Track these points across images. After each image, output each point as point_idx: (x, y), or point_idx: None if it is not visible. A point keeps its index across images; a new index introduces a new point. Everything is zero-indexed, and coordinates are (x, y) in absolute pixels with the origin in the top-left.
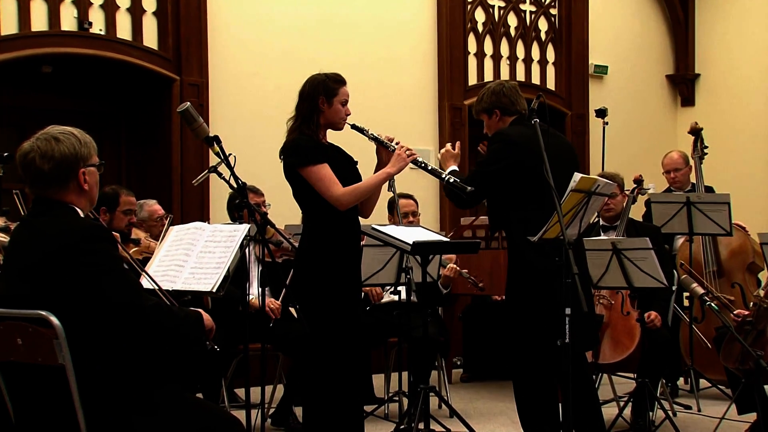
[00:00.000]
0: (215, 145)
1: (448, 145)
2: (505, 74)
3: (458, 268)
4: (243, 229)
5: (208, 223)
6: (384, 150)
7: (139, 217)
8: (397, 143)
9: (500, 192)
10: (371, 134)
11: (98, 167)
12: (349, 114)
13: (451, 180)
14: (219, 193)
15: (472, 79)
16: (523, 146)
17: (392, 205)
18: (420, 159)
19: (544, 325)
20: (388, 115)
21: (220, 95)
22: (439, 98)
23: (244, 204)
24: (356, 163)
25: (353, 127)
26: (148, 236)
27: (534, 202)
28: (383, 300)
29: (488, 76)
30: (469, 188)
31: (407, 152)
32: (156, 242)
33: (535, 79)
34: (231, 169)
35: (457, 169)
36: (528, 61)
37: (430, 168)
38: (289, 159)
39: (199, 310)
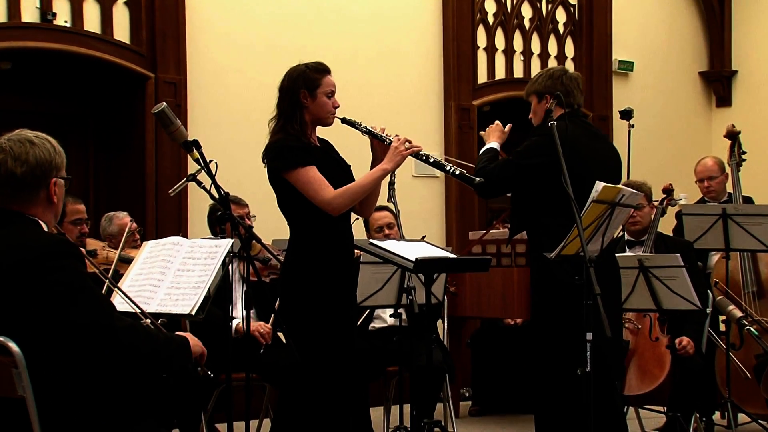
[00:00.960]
0: (194, 150)
1: (498, 123)
2: (518, 71)
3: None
4: (225, 244)
5: (187, 237)
6: (380, 144)
7: (108, 232)
8: (395, 136)
9: (530, 192)
10: (364, 127)
11: (66, 181)
12: (338, 106)
13: (457, 172)
14: (198, 204)
15: (482, 77)
16: (567, 145)
17: (367, 221)
18: (422, 151)
19: (575, 351)
20: (387, 117)
21: (200, 94)
22: (444, 98)
23: (227, 216)
24: (349, 166)
25: (344, 121)
26: (106, 246)
27: (567, 211)
28: (379, 325)
29: (499, 72)
30: (477, 180)
31: (406, 145)
32: (115, 251)
33: None
34: (212, 177)
35: (496, 146)
36: (544, 56)
37: (432, 160)
38: (272, 163)
39: (186, 334)
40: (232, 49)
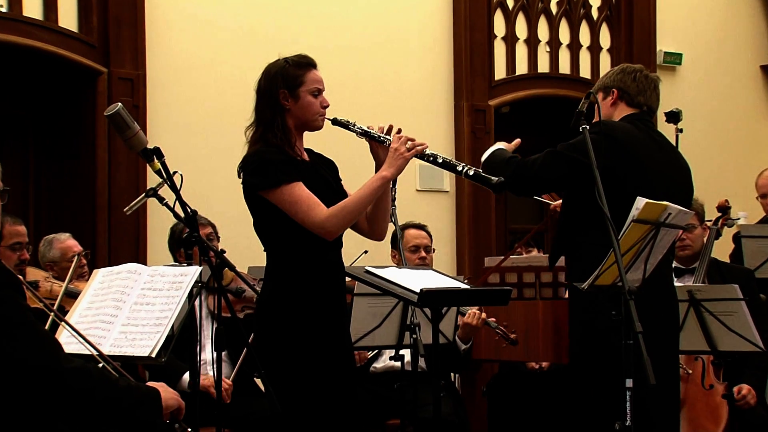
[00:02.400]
0: (155, 159)
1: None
2: (543, 64)
3: (483, 315)
4: (192, 273)
5: (145, 264)
6: (380, 147)
7: (48, 258)
8: (395, 134)
9: (575, 205)
10: (359, 128)
11: (2, 194)
12: (327, 105)
13: (471, 172)
14: (160, 224)
15: (500, 72)
16: (625, 149)
17: (395, 238)
18: (427, 151)
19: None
20: (386, 121)
21: (163, 93)
22: (455, 97)
23: (194, 239)
24: (342, 188)
25: (335, 122)
26: (50, 277)
27: (605, 231)
28: (379, 365)
29: (521, 67)
30: (495, 179)
31: (408, 144)
32: (60, 283)
33: (584, 71)
34: (177, 192)
35: (503, 147)
36: (575, 46)
37: (441, 161)
38: (250, 179)
39: (159, 385)
40: (201, 39)
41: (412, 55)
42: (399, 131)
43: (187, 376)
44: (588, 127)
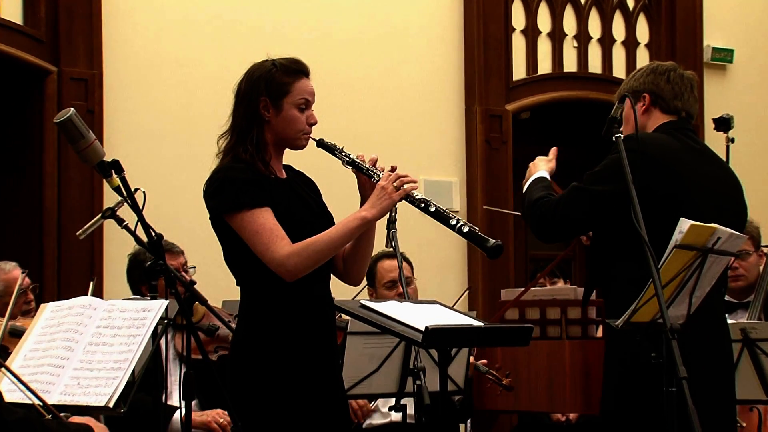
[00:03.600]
0: (113, 174)
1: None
2: (570, 62)
3: (471, 360)
4: (157, 308)
5: (101, 298)
6: (367, 180)
7: None
8: (382, 169)
9: (611, 230)
10: (346, 156)
11: None
12: (314, 123)
13: (465, 229)
14: (118, 250)
15: (519, 71)
16: (662, 165)
17: (371, 273)
18: (418, 194)
19: None
20: (385, 129)
21: (122, 96)
22: (466, 100)
23: (160, 268)
24: (328, 213)
25: (320, 144)
26: None
27: (643, 259)
28: (376, 421)
29: (544, 65)
30: (492, 242)
31: (396, 182)
32: (1, 320)
33: (618, 71)
34: (139, 212)
35: (546, 175)
36: (607, 41)
37: (433, 209)
38: (210, 200)
39: (88, 420)
40: (168, 33)
41: (415, 50)
42: (393, 169)
43: (177, 416)
44: (622, 135)
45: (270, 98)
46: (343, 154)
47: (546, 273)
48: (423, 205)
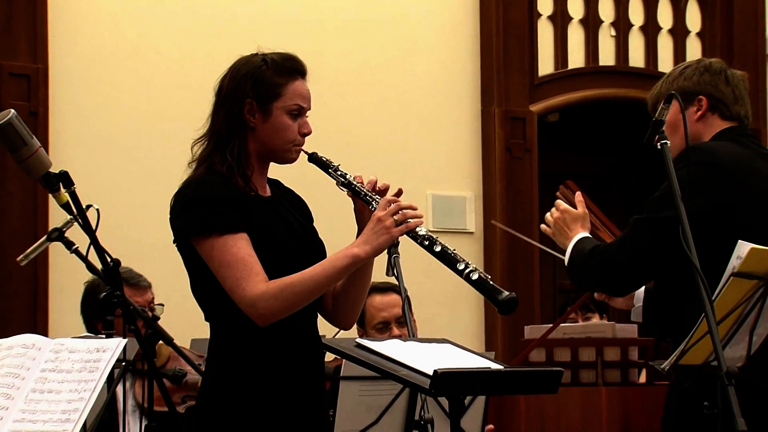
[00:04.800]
0: (61, 189)
1: (561, 205)
2: (607, 54)
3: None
4: (113, 348)
5: (47, 336)
6: (365, 207)
7: None
8: (383, 188)
9: (680, 261)
10: (342, 175)
11: None
12: (308, 132)
13: (474, 277)
14: (67, 279)
15: (546, 65)
16: (741, 181)
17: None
18: (423, 230)
19: None
20: (385, 134)
21: (71, 95)
22: (482, 100)
23: (117, 300)
24: (318, 239)
25: (313, 159)
26: None
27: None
28: None
29: (576, 58)
30: (505, 294)
31: (398, 216)
32: None
33: (665, 64)
34: (92, 234)
35: (588, 235)
36: (651, 30)
37: (439, 249)
38: (175, 219)
39: None
40: (126, 19)
41: (422, 40)
42: (399, 192)
43: None
44: (669, 142)
45: (257, 101)
46: (339, 173)
47: (578, 306)
48: (427, 243)
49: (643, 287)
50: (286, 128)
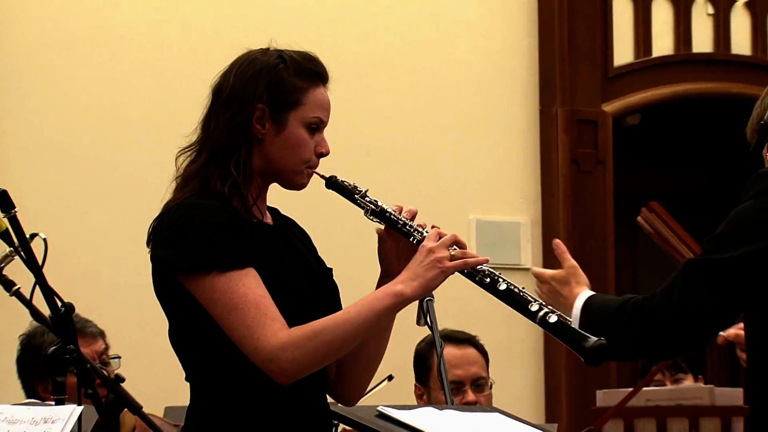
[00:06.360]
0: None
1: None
2: (702, 39)
3: None
4: (66, 417)
5: None
6: (400, 242)
7: None
8: (431, 227)
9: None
10: (370, 203)
11: None
12: (325, 153)
13: (552, 319)
14: (6, 329)
15: (623, 53)
16: None
17: (423, 362)
18: (484, 268)
19: None
20: (418, 140)
21: (14, 93)
22: (541, 99)
23: (70, 357)
24: (323, 264)
25: (332, 185)
26: None
27: None
28: None
29: (662, 44)
30: (592, 340)
31: (454, 251)
32: None
33: None
34: (37, 271)
35: (592, 293)
36: (759, 8)
37: (504, 287)
38: (161, 251)
39: None
40: (83, 10)
41: (464, 22)
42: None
43: None
44: None
45: (271, 107)
46: (367, 200)
47: (666, 365)
48: (488, 281)
49: None
50: (302, 144)
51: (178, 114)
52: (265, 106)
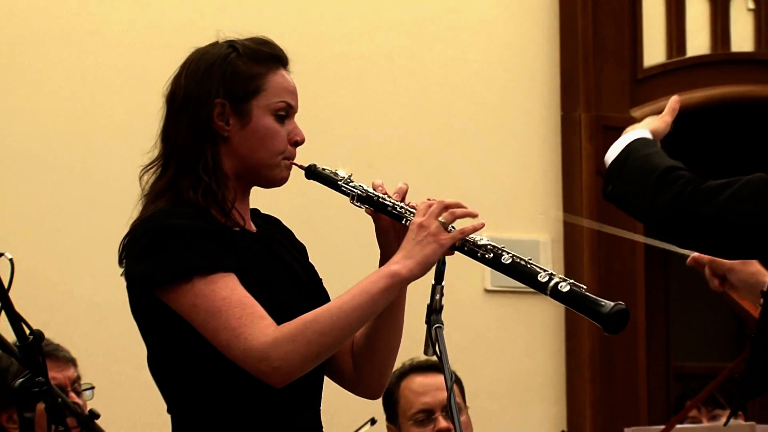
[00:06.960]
0: None
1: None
2: (743, 36)
3: None
4: None
5: None
6: (395, 223)
7: None
8: (423, 201)
9: None
10: (357, 188)
11: None
12: (300, 141)
13: (565, 289)
14: None
15: (654, 53)
16: None
17: (389, 398)
18: (483, 238)
19: None
20: (427, 150)
21: None
22: (563, 103)
23: (39, 389)
24: (311, 267)
25: (311, 174)
26: None
27: None
28: None
29: (698, 43)
30: (609, 305)
31: (444, 216)
32: None
33: None
34: (2, 294)
35: (648, 136)
36: None
37: (509, 261)
38: (136, 265)
39: None
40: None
41: (477, 18)
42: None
43: None
44: None
45: (230, 100)
46: (352, 185)
47: (703, 398)
48: (491, 255)
49: None
50: (273, 134)
51: (158, 120)
52: (224, 100)
